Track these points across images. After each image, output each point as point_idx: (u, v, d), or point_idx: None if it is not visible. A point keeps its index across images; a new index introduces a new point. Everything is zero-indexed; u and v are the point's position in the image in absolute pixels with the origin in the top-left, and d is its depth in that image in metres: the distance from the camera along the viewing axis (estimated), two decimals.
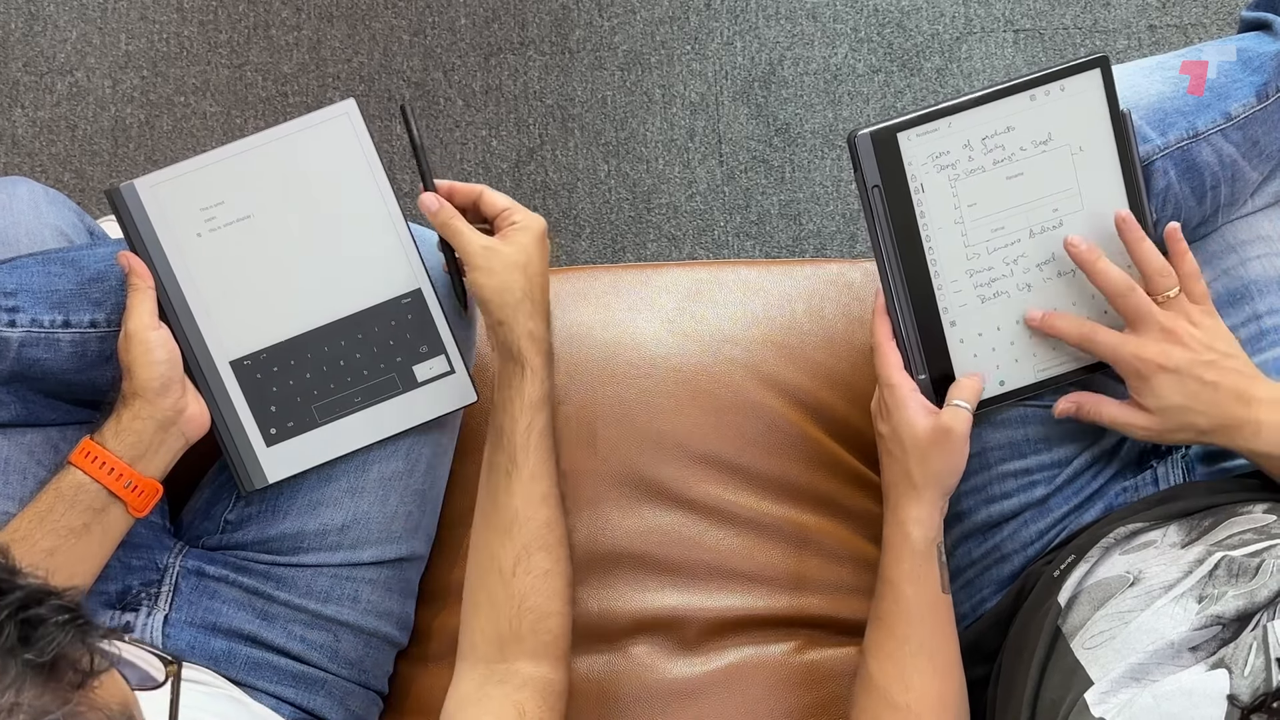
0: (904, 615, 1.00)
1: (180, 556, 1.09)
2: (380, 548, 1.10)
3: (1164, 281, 0.99)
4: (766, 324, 1.22)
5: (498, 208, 1.06)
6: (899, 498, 1.02)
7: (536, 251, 1.04)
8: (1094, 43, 1.82)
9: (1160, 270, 0.99)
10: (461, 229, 1.04)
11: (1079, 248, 1.00)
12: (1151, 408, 0.98)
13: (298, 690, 1.08)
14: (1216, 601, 0.88)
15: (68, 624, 0.62)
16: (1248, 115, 1.07)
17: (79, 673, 0.61)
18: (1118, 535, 1.01)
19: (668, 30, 1.83)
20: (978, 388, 1.03)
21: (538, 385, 1.03)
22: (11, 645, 0.60)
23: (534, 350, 1.03)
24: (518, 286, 1.03)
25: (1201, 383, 0.96)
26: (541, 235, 1.05)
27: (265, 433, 1.08)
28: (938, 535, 1.01)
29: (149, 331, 1.00)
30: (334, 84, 1.83)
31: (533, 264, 1.04)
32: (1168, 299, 0.99)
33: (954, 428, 1.00)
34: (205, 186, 1.04)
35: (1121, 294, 0.98)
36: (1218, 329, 0.98)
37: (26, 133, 1.82)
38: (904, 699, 0.98)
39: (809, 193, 1.78)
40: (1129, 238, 1.00)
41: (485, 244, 1.03)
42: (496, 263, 1.03)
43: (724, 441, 1.17)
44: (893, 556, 1.01)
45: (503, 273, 1.02)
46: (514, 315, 1.03)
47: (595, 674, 1.13)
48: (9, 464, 1.03)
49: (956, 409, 1.01)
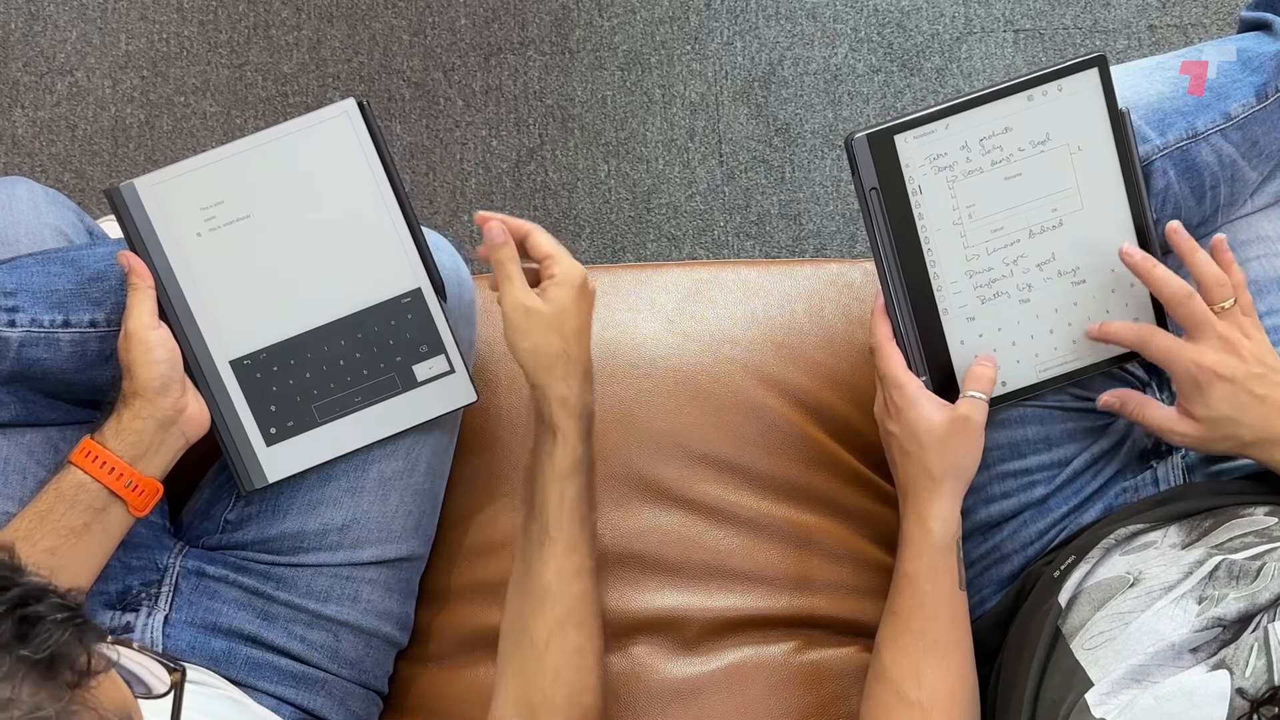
0: (920, 610, 1.00)
1: (180, 556, 1.10)
2: (380, 547, 1.10)
3: (1222, 291, 0.98)
4: (766, 324, 1.22)
5: (542, 252, 1.03)
6: (918, 493, 1.01)
7: (573, 307, 1.01)
8: (1094, 43, 1.82)
9: (1218, 280, 0.98)
10: (512, 275, 1.01)
11: (1134, 256, 1.00)
12: (1200, 416, 0.97)
13: (298, 690, 1.08)
14: (1217, 603, 0.88)
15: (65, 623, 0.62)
16: (1247, 115, 1.07)
17: (76, 672, 0.61)
18: (1118, 536, 1.01)
19: (668, 30, 1.83)
20: (991, 376, 1.03)
21: (569, 452, 1.00)
22: (7, 640, 0.60)
23: (566, 415, 1.00)
24: (552, 348, 1.00)
25: (1252, 395, 0.96)
26: (580, 287, 1.02)
27: (265, 432, 1.08)
28: (958, 531, 1.01)
29: (149, 331, 1.00)
30: (334, 84, 1.83)
31: (569, 322, 1.00)
32: (1223, 309, 0.98)
33: (972, 416, 1.00)
34: (205, 186, 1.04)
35: (1181, 301, 0.97)
36: (1265, 342, 0.98)
37: (26, 133, 1.82)
38: (916, 694, 0.98)
39: (809, 193, 1.78)
40: (1183, 247, 0.99)
41: (526, 304, 1.00)
42: (532, 323, 1.00)
43: (724, 441, 1.17)
44: (911, 551, 1.01)
45: (536, 334, 0.99)
46: (547, 378, 1.00)
47: None
48: (9, 464, 1.04)
49: (974, 399, 1.01)
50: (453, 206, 1.79)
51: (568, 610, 1.00)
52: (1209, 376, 0.96)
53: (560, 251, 1.03)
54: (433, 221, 1.78)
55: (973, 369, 1.03)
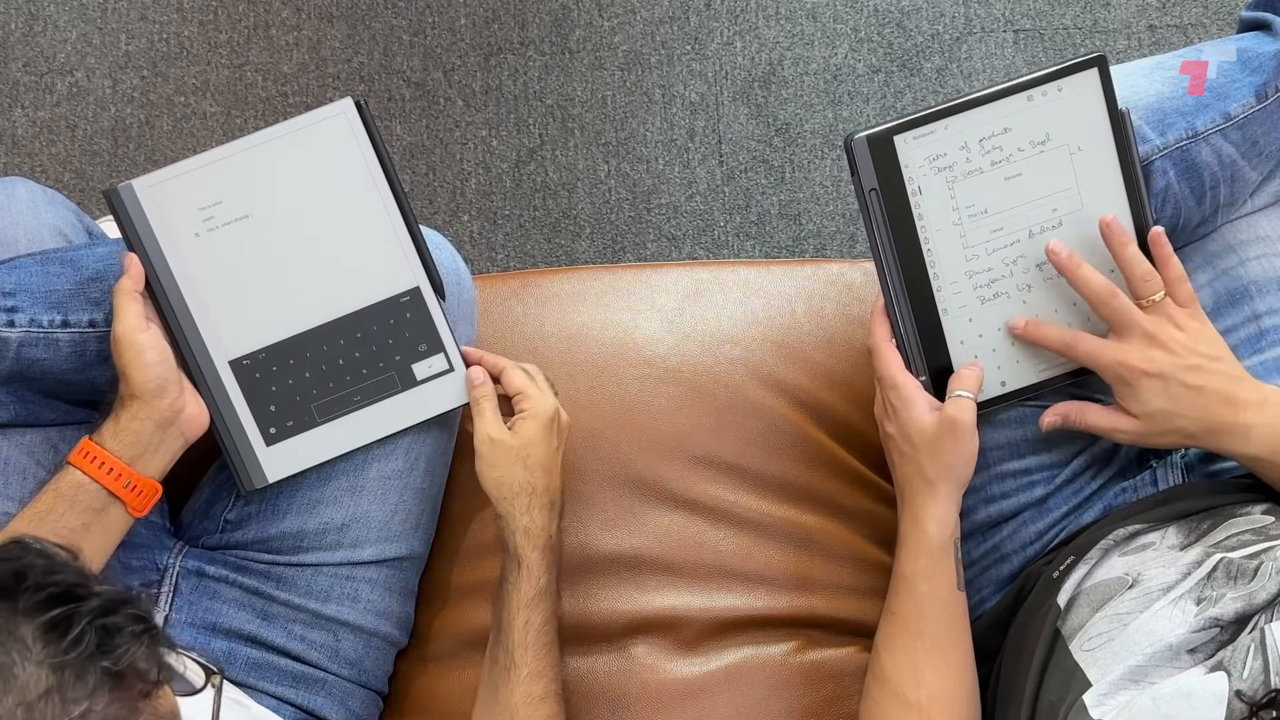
0: (918, 611, 1.00)
1: (180, 556, 1.10)
2: (380, 546, 1.10)
3: (1148, 286, 0.99)
4: (766, 324, 1.22)
5: (512, 389, 1.08)
6: (914, 495, 1.01)
7: (540, 441, 1.05)
8: (1094, 43, 1.82)
9: (1144, 275, 0.99)
10: (485, 411, 1.06)
11: (1059, 255, 1.00)
12: (1137, 413, 0.98)
13: (298, 690, 1.08)
14: (1215, 604, 0.88)
15: (142, 634, 0.62)
16: (1247, 115, 1.07)
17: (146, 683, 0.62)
18: (1117, 537, 1.01)
19: (668, 30, 1.83)
20: (978, 376, 1.03)
21: (533, 582, 1.04)
22: (91, 652, 0.60)
23: (529, 546, 1.04)
24: (516, 480, 1.04)
25: (1186, 387, 0.96)
26: (548, 423, 1.06)
27: (265, 432, 1.08)
28: (955, 531, 1.01)
29: (137, 334, 0.99)
30: (334, 84, 1.83)
31: (533, 455, 1.05)
32: (1153, 303, 0.98)
33: (959, 418, 1.00)
34: (203, 186, 1.04)
35: (1104, 300, 0.98)
36: (1203, 332, 0.98)
37: (26, 133, 1.82)
38: (915, 695, 0.98)
39: (809, 193, 1.78)
40: (1113, 243, 1.00)
41: (492, 436, 1.05)
42: (498, 455, 1.05)
43: (724, 442, 1.17)
44: (908, 553, 1.01)
45: (503, 465, 1.04)
46: (510, 509, 1.04)
47: (595, 674, 1.13)
48: (8, 464, 1.04)
49: (959, 399, 1.01)
50: (452, 206, 1.79)
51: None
52: (1135, 374, 0.97)
53: (532, 387, 1.08)
54: (432, 221, 1.78)
55: (960, 370, 1.04)
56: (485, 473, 1.05)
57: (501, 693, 1.03)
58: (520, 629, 1.03)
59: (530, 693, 1.03)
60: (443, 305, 1.09)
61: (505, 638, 1.04)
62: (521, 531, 1.04)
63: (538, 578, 1.04)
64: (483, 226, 1.78)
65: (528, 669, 1.03)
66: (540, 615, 1.04)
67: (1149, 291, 0.99)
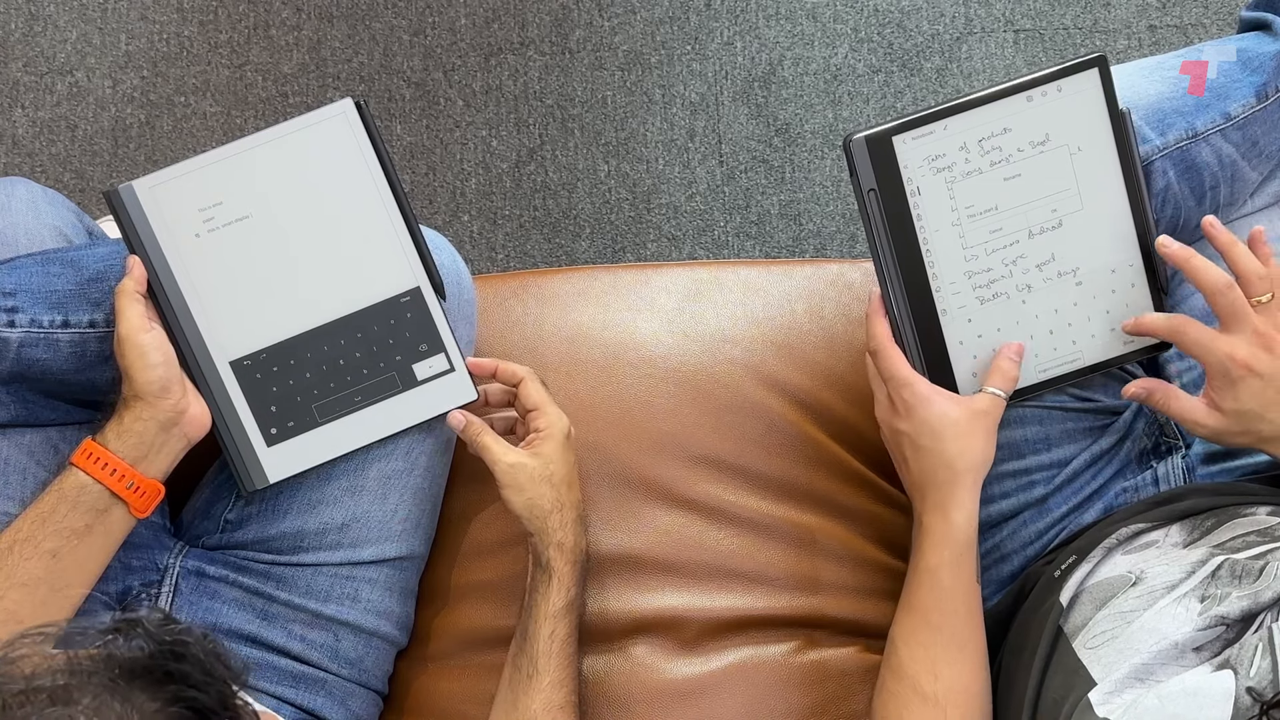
0: (940, 605, 0.99)
1: (180, 556, 1.10)
2: (380, 546, 1.10)
3: (1261, 285, 0.97)
4: (766, 324, 1.22)
5: (528, 405, 1.08)
6: (939, 486, 1.00)
7: (560, 457, 1.07)
8: (1094, 43, 1.82)
9: (1259, 273, 0.97)
10: (489, 445, 1.06)
11: (1170, 248, 0.99)
12: (1227, 409, 0.96)
13: (298, 690, 1.08)
14: (1220, 602, 0.88)
15: None
16: (1247, 115, 1.07)
17: None
18: (1120, 536, 1.01)
19: (668, 30, 1.83)
20: (1015, 376, 1.03)
21: (563, 594, 1.05)
22: None
23: (562, 560, 1.06)
24: (546, 499, 1.05)
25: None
26: (564, 440, 1.08)
27: (265, 433, 1.08)
28: (977, 523, 1.01)
29: (141, 335, 0.99)
30: (334, 84, 1.83)
31: (557, 473, 1.06)
32: (1259, 304, 0.97)
33: (990, 411, 1.00)
34: (203, 187, 1.04)
35: (1221, 291, 0.96)
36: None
37: (26, 133, 1.82)
38: (933, 689, 0.98)
39: (809, 193, 1.78)
40: (1221, 241, 0.98)
41: (511, 461, 1.05)
42: (523, 478, 1.05)
43: (724, 441, 1.17)
44: (932, 544, 1.00)
45: (530, 488, 1.05)
46: (543, 526, 1.05)
47: (595, 674, 1.13)
48: (9, 464, 1.04)
49: (993, 395, 1.01)
50: (452, 206, 1.79)
51: None
52: (1241, 370, 0.95)
53: (547, 403, 1.08)
54: (432, 221, 1.78)
55: (999, 364, 1.03)
56: (512, 499, 1.05)
57: (522, 699, 1.05)
58: (546, 638, 1.05)
59: (551, 700, 1.04)
60: (443, 305, 1.09)
61: (530, 645, 1.05)
62: (555, 546, 1.06)
63: (568, 590, 1.06)
64: (483, 226, 1.78)
65: (550, 677, 1.04)
66: (566, 627, 1.06)
67: (1261, 291, 0.96)
